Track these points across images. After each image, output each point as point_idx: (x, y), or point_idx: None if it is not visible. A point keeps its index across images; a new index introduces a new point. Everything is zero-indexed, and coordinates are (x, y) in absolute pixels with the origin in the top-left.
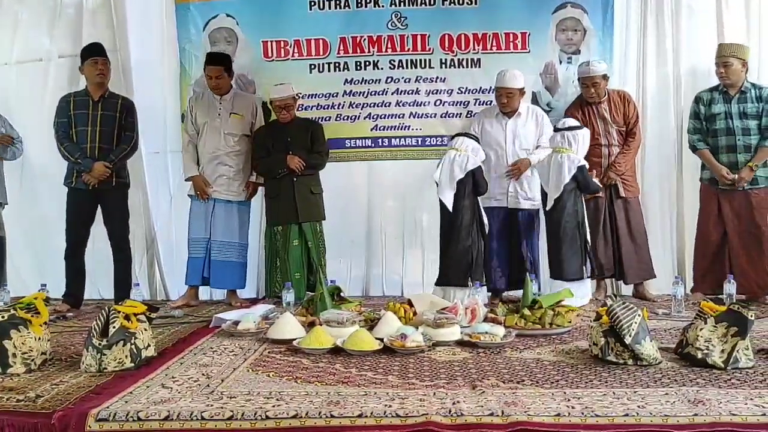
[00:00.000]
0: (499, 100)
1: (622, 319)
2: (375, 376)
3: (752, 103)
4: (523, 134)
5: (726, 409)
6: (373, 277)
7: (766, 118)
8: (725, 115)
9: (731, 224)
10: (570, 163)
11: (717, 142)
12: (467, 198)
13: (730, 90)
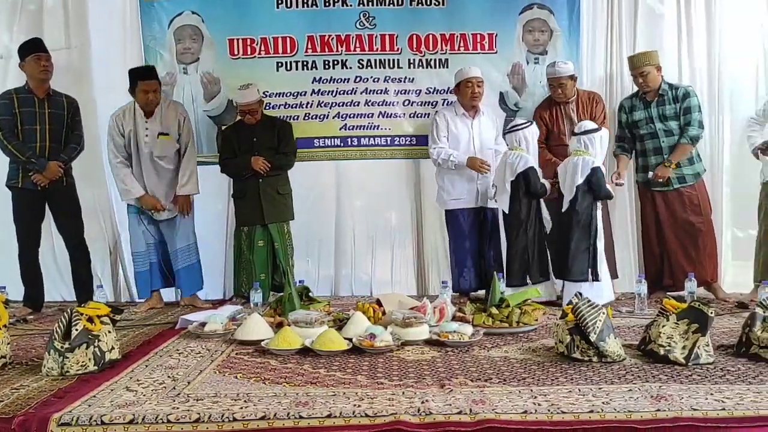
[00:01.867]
0: (470, 90)
1: (587, 317)
2: (344, 376)
3: (670, 104)
4: (485, 132)
5: (687, 404)
6: (342, 277)
7: (683, 117)
8: (647, 120)
9: (667, 222)
10: (584, 164)
11: (644, 146)
12: (522, 198)
13: (649, 95)
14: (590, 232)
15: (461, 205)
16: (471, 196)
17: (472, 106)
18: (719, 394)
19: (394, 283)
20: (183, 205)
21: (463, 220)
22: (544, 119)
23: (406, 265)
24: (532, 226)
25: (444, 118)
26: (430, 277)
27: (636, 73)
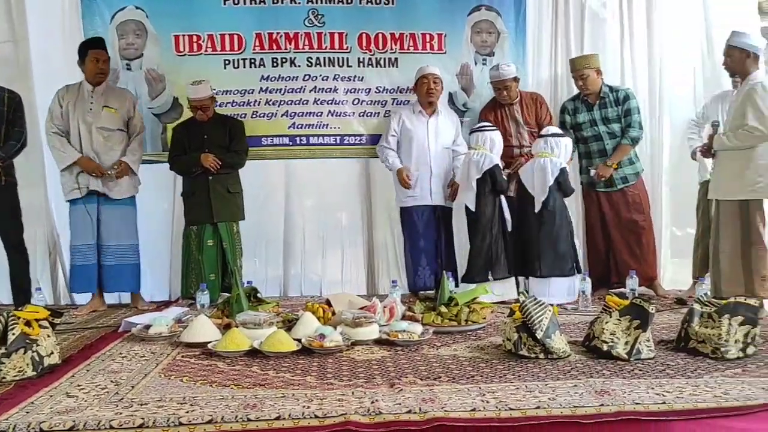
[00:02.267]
0: (425, 86)
1: (534, 314)
2: (293, 377)
3: (612, 107)
4: (443, 132)
5: (629, 398)
6: (291, 277)
7: (625, 119)
8: (591, 122)
9: (612, 222)
10: (553, 166)
11: (588, 148)
12: (488, 196)
13: (590, 98)
14: (569, 227)
15: (415, 203)
16: (425, 195)
17: (429, 103)
18: (660, 388)
19: (345, 283)
20: (124, 169)
21: (418, 219)
22: (489, 121)
23: (356, 265)
24: (496, 224)
25: (398, 117)
26: (380, 277)
27: (576, 75)
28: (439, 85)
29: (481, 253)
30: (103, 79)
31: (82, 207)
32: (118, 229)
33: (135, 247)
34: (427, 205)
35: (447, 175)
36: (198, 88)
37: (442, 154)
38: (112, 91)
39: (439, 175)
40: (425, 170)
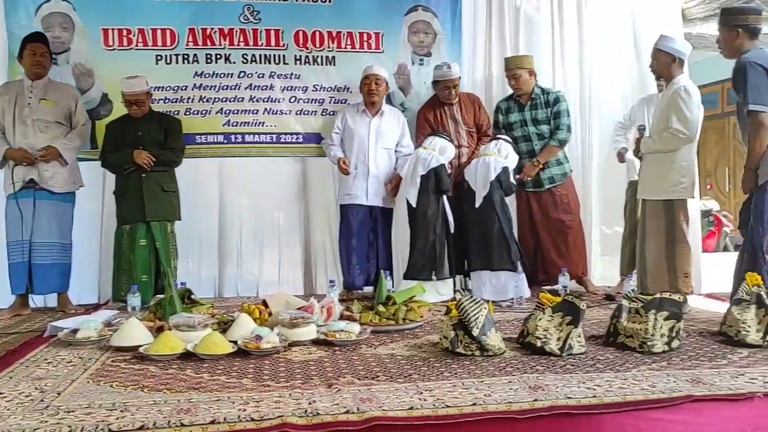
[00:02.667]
0: (367, 87)
1: (470, 312)
2: (228, 380)
3: (542, 108)
4: (386, 133)
5: (562, 392)
6: (226, 277)
7: (554, 121)
8: (521, 122)
9: (540, 221)
10: (496, 164)
11: (518, 148)
12: (431, 194)
13: (522, 98)
14: (510, 224)
15: (352, 201)
16: (361, 195)
17: (371, 103)
18: (590, 382)
19: (282, 283)
20: (52, 153)
21: (353, 218)
22: (429, 120)
23: (293, 265)
24: (440, 224)
25: (342, 115)
26: (317, 277)
27: (509, 75)
28: (381, 85)
29: (423, 251)
30: (42, 72)
31: (14, 202)
32: (52, 227)
33: (69, 246)
34: (363, 205)
35: (386, 177)
36: (133, 82)
37: (382, 154)
38: (53, 86)
39: (377, 176)
40: (363, 170)
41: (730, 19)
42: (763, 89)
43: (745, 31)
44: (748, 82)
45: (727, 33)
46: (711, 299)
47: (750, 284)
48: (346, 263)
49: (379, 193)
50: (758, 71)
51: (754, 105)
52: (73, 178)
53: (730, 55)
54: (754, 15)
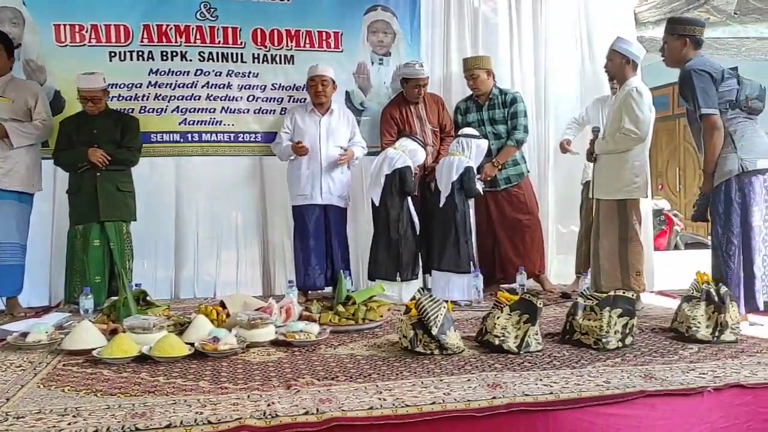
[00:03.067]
0: (314, 88)
1: (429, 311)
2: (185, 383)
3: (499, 109)
4: (336, 131)
5: (520, 390)
6: (183, 278)
7: (511, 121)
8: (479, 122)
9: (497, 220)
10: (459, 164)
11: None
12: (395, 195)
13: (480, 98)
14: (466, 226)
15: (305, 201)
16: (315, 194)
17: (319, 103)
18: (547, 379)
19: (240, 284)
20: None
21: (308, 218)
22: (395, 118)
23: (251, 265)
24: (404, 225)
25: (292, 115)
26: (276, 277)
27: (467, 75)
28: (328, 86)
29: (386, 251)
30: (3, 72)
31: None
32: (9, 227)
33: (24, 247)
34: (318, 204)
35: (339, 175)
36: (90, 78)
37: (334, 153)
38: (14, 83)
39: (330, 175)
40: (316, 169)
41: (678, 28)
42: (711, 93)
43: (691, 41)
44: (696, 88)
45: (674, 42)
46: (662, 296)
47: (700, 281)
48: (304, 265)
49: (333, 192)
50: (703, 77)
51: (706, 109)
52: (31, 180)
53: (674, 63)
54: (700, 27)
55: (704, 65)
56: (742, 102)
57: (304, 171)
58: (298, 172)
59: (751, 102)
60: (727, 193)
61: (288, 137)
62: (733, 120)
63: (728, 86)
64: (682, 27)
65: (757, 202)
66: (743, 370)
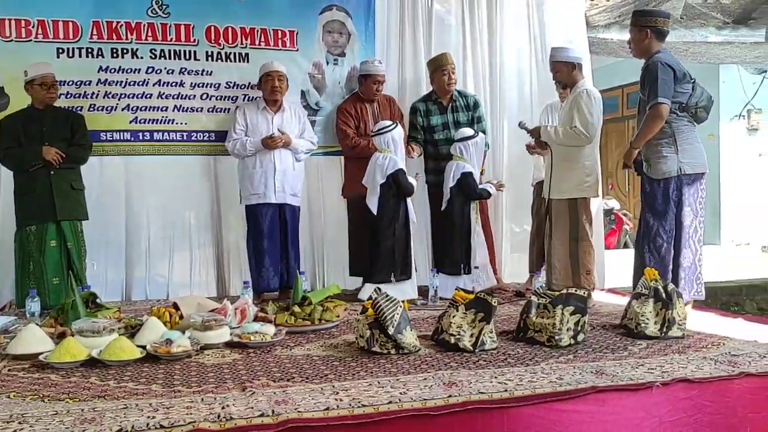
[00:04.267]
0: (270, 83)
1: (386, 311)
2: (137, 386)
3: (463, 111)
4: (288, 129)
5: (475, 388)
6: (134, 280)
7: (478, 125)
8: (443, 125)
9: None
10: (457, 169)
11: (438, 150)
12: (392, 198)
13: (444, 100)
14: (463, 229)
15: (259, 200)
16: (269, 193)
17: (273, 100)
18: (502, 376)
19: (193, 285)
20: None
21: (262, 218)
22: (350, 114)
23: (205, 266)
24: (400, 227)
25: (243, 112)
26: (231, 278)
27: (450, 70)
28: (284, 82)
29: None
30: None
31: None
32: None
33: None
34: (272, 203)
35: (292, 172)
36: (46, 65)
37: (287, 151)
38: None
39: (284, 172)
40: (269, 167)
41: (640, 20)
42: (670, 86)
43: (653, 32)
44: (658, 79)
45: (637, 33)
46: (613, 294)
47: (648, 279)
48: (258, 266)
49: (287, 190)
50: (668, 71)
51: (661, 98)
52: None
53: (639, 54)
54: (663, 18)
55: (671, 61)
56: (692, 107)
57: (257, 169)
58: (251, 170)
59: (698, 110)
60: (664, 192)
61: (242, 134)
62: (679, 122)
63: (684, 89)
64: (644, 19)
65: (690, 203)
66: (689, 365)
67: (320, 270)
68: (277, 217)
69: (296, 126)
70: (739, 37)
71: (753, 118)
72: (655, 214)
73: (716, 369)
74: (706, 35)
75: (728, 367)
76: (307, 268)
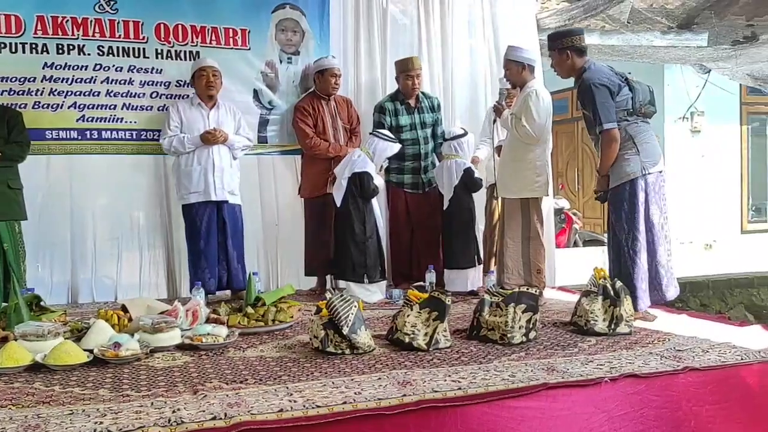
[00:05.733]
0: (204, 79)
1: (340, 311)
2: (83, 392)
3: (428, 113)
4: (224, 125)
5: (429, 386)
6: (80, 282)
7: (439, 126)
8: (411, 126)
9: (415, 221)
10: (457, 167)
11: (403, 150)
12: (357, 198)
13: (411, 101)
14: (472, 224)
15: (198, 198)
16: (208, 190)
17: (208, 96)
18: (456, 375)
19: (143, 287)
20: None
21: (199, 217)
22: (308, 111)
23: (155, 267)
24: (370, 227)
25: (177, 109)
26: (182, 279)
27: (416, 74)
28: (219, 77)
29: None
30: None
31: None
32: None
33: None
34: (211, 201)
35: (230, 169)
36: None
37: (225, 148)
38: None
39: (222, 169)
40: (208, 164)
41: (557, 43)
42: (610, 106)
43: (573, 51)
44: (596, 103)
45: (558, 56)
46: (563, 292)
47: (597, 277)
48: (194, 267)
49: (226, 187)
50: (602, 91)
51: (607, 124)
52: None
53: (566, 74)
54: (578, 35)
55: (602, 78)
56: (638, 108)
57: (196, 167)
58: (189, 168)
59: (644, 108)
60: (631, 193)
61: (177, 131)
62: (633, 125)
63: (624, 95)
64: (562, 41)
65: (656, 201)
66: (637, 361)
67: (274, 270)
68: (215, 217)
69: (232, 122)
70: (683, 41)
71: (696, 120)
72: (627, 218)
73: (662, 364)
74: (652, 39)
75: (673, 362)
76: (260, 269)
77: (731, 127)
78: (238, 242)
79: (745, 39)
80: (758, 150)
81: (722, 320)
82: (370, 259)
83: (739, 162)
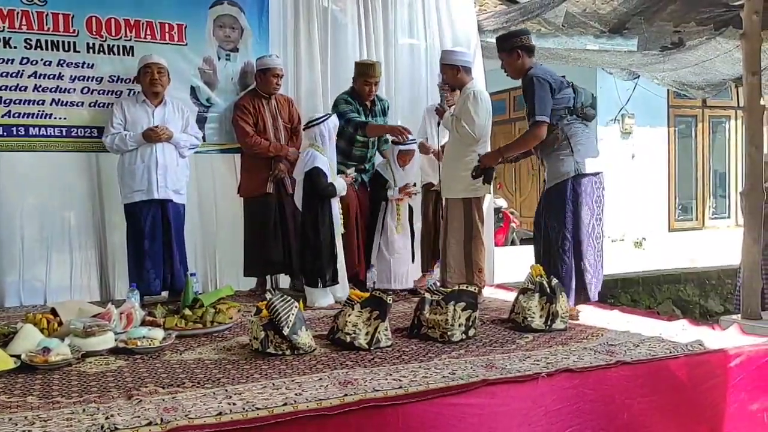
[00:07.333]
0: (149, 76)
1: (281, 311)
2: (10, 399)
3: (380, 116)
4: (170, 123)
5: (371, 386)
6: (7, 285)
7: None
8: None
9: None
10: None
11: (353, 152)
12: (311, 198)
13: (368, 103)
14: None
15: (143, 197)
16: (152, 189)
17: (154, 93)
18: (397, 373)
19: (74, 289)
20: None
21: (143, 217)
22: (248, 109)
23: (87, 269)
24: (324, 229)
25: (121, 107)
26: (116, 281)
27: (372, 81)
28: (164, 75)
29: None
30: None
31: None
32: None
33: None
34: (155, 200)
35: (175, 168)
36: None
37: (170, 146)
38: None
39: (167, 167)
40: (152, 162)
41: (507, 44)
42: (547, 102)
43: (523, 50)
44: (535, 96)
45: (508, 57)
46: (501, 289)
47: (534, 275)
48: (137, 268)
49: (170, 187)
50: (544, 85)
51: (539, 116)
52: None
53: (517, 75)
54: (526, 35)
55: (546, 74)
56: (578, 109)
57: (139, 164)
58: (132, 166)
59: (585, 109)
60: (563, 193)
61: (121, 128)
62: (570, 125)
63: (566, 94)
64: (511, 41)
65: (587, 203)
66: (572, 356)
67: (212, 271)
68: (160, 217)
69: (179, 120)
70: (614, 45)
71: (626, 122)
72: (557, 219)
73: (596, 359)
74: (585, 43)
75: (606, 357)
76: (198, 269)
77: (659, 129)
78: (180, 243)
79: (672, 45)
80: (685, 151)
81: (652, 315)
82: (323, 264)
83: (666, 162)
